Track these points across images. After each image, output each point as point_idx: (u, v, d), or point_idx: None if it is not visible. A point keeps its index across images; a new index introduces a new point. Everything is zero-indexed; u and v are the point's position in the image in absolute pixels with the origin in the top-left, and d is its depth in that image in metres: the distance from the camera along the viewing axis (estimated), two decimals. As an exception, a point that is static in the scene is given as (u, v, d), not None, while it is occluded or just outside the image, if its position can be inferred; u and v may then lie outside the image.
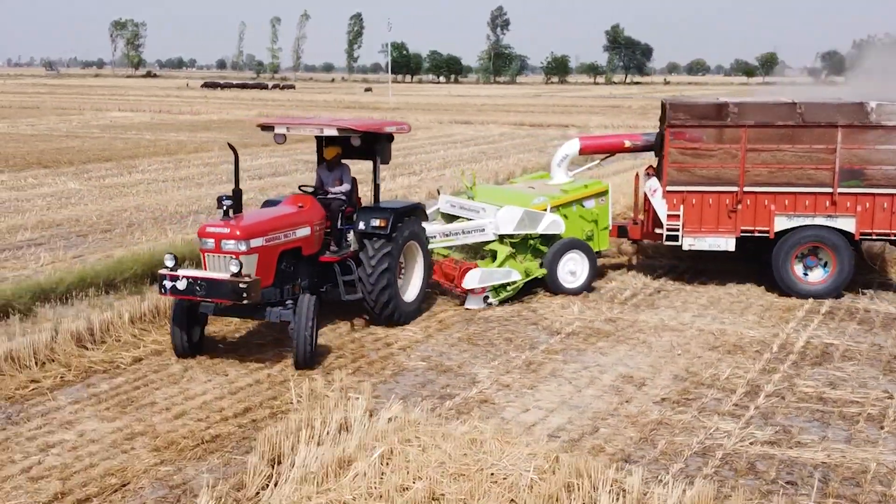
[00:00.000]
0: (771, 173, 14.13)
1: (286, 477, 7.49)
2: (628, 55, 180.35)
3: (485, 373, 10.81)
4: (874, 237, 14.28)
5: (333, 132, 12.15)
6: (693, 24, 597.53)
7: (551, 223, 14.13)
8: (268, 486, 7.59)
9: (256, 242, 10.73)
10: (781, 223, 14.11)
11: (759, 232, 14.23)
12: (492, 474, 7.39)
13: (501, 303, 13.73)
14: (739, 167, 14.13)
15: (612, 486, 7.38)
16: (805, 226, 14.07)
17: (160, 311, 12.40)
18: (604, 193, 15.30)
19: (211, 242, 10.62)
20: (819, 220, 14.02)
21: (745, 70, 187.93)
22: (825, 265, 14.17)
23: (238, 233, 10.59)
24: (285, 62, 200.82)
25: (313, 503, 7.03)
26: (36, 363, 10.58)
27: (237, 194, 11.51)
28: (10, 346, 10.61)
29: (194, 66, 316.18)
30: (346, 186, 12.71)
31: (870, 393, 10.09)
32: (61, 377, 10.46)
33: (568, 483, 7.29)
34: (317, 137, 13.01)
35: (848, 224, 13.94)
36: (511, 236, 14.00)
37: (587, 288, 14.41)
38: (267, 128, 12.60)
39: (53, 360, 10.77)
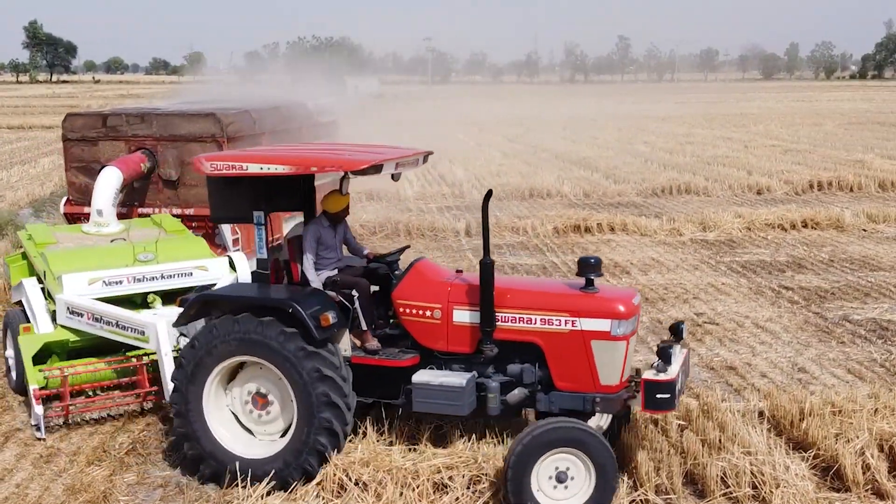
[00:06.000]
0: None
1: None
2: (51, 53, 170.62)
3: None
4: None
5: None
6: (111, 23, 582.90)
7: None
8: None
9: None
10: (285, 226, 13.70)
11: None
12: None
13: None
14: None
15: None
16: None
17: None
18: None
19: (634, 322, 7.81)
20: None
21: (173, 69, 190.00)
22: None
23: None
24: None
25: None
26: None
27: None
28: None
29: None
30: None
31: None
32: None
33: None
34: (289, 179, 7.91)
35: None
36: None
37: None
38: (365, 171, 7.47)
39: None
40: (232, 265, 10.65)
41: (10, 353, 10.41)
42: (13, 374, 10.37)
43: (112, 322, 9.47)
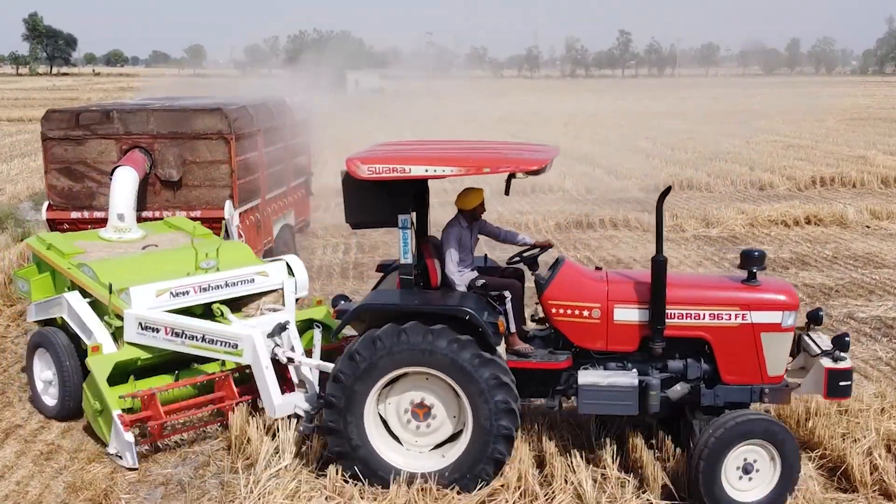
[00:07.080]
0: (276, 175, 13.87)
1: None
2: (52, 45, 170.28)
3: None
4: None
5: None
6: (111, 16, 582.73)
7: None
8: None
9: None
10: (275, 229, 14.02)
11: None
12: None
13: None
14: (261, 174, 13.35)
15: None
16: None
17: None
18: None
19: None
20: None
21: (174, 62, 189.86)
22: None
23: None
24: None
25: None
26: None
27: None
28: None
29: None
30: None
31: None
32: None
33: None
34: (417, 182, 7.81)
35: None
36: None
37: None
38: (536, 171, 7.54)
39: None
40: (290, 269, 10.12)
41: (44, 374, 9.48)
42: (45, 399, 9.50)
43: (197, 336, 8.76)
